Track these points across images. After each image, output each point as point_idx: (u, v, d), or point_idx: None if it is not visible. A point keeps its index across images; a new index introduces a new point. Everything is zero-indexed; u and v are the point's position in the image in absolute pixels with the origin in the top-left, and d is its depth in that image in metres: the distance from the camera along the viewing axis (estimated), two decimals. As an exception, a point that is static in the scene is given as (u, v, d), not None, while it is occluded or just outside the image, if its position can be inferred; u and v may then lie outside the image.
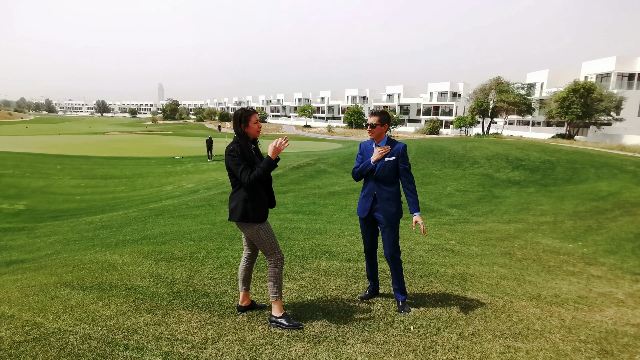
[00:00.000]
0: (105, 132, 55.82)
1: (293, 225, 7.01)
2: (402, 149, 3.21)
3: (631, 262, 5.73)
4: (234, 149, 2.82)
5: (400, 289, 3.29)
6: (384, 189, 3.21)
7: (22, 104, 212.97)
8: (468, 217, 9.45)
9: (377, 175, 3.21)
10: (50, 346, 2.56)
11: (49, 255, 6.14)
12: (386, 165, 3.20)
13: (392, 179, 3.22)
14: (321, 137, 54.04)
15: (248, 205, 2.84)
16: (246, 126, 2.86)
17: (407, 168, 3.22)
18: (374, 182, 3.24)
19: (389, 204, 3.20)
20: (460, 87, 65.65)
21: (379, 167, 3.20)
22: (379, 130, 3.24)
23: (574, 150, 20.42)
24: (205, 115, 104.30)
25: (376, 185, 3.23)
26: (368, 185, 3.29)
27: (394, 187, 3.23)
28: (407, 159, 3.24)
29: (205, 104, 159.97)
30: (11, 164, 21.37)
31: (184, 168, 21.49)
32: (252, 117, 2.88)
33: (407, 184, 3.22)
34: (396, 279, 3.29)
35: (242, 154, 2.81)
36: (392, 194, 3.21)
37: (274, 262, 2.91)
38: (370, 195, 3.26)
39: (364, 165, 3.26)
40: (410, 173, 3.24)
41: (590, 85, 34.12)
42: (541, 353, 2.63)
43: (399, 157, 3.20)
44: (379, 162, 3.21)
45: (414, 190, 3.20)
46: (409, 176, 3.22)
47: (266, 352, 2.58)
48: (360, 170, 3.28)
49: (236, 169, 2.81)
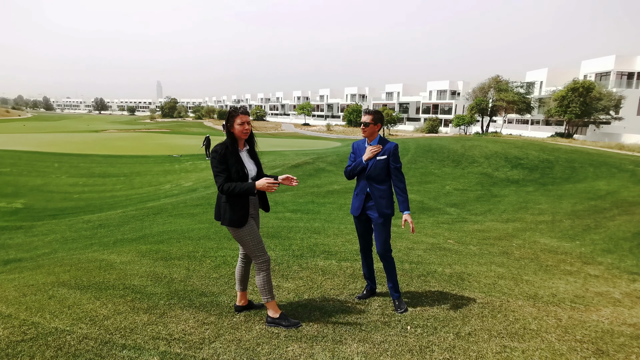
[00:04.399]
0: (103, 130, 55.67)
1: (291, 224, 7.01)
2: (394, 148, 3.25)
3: (628, 261, 5.75)
4: (217, 150, 2.78)
5: (394, 287, 3.33)
6: (375, 187, 3.25)
7: (19, 101, 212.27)
8: (466, 216, 9.46)
9: (369, 174, 3.25)
10: (47, 346, 2.56)
11: (47, 254, 6.14)
12: (377, 164, 3.23)
13: (384, 178, 3.26)
14: (320, 136, 54.02)
15: (227, 207, 2.81)
16: (231, 126, 2.81)
17: (398, 167, 3.25)
18: (365, 180, 3.28)
19: (381, 202, 3.24)
20: (460, 85, 65.61)
21: (371, 166, 3.24)
22: (372, 129, 3.27)
23: (572, 149, 20.46)
24: (203, 113, 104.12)
25: (368, 184, 3.27)
26: (360, 184, 3.34)
27: (386, 185, 3.27)
28: (399, 158, 3.28)
29: (203, 101, 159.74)
30: (9, 162, 21.30)
31: (183, 166, 21.46)
32: (237, 117, 2.78)
33: (397, 182, 3.26)
34: (389, 277, 3.34)
35: (223, 157, 2.75)
36: (383, 192, 3.25)
37: (258, 264, 2.88)
38: (363, 193, 3.30)
39: (356, 163, 3.30)
40: (401, 172, 3.27)
41: (590, 84, 34.14)
42: (537, 353, 2.64)
43: (390, 156, 3.24)
44: (370, 160, 3.24)
45: (404, 190, 3.25)
46: (399, 175, 3.26)
47: (263, 351, 2.58)
48: (353, 168, 3.32)
49: (214, 171, 2.77)
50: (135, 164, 22.69)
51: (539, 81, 48.66)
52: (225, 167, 2.75)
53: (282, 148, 30.89)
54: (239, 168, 2.78)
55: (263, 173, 3.01)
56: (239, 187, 2.70)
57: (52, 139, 36.79)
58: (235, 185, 2.71)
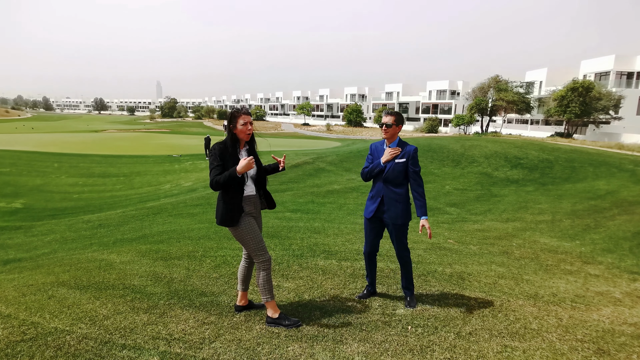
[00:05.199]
0: (103, 130, 55.66)
1: (291, 224, 7.01)
2: (413, 151, 3.18)
3: (629, 260, 5.74)
4: (214, 147, 2.80)
5: (409, 284, 3.36)
6: (392, 191, 3.19)
7: (19, 101, 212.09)
8: (466, 216, 9.46)
9: (386, 177, 3.19)
10: (47, 346, 2.55)
11: (46, 254, 6.13)
12: (396, 166, 3.17)
13: (401, 181, 3.19)
14: (320, 136, 54.01)
15: (219, 205, 2.84)
16: (234, 127, 2.82)
17: (417, 171, 3.18)
18: (382, 183, 3.21)
19: (397, 206, 3.18)
20: (459, 85, 65.62)
21: (389, 168, 3.18)
22: (394, 130, 3.20)
23: (572, 149, 20.46)
24: (203, 113, 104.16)
25: (385, 187, 3.20)
26: (376, 186, 3.27)
27: (403, 189, 3.20)
28: (418, 161, 3.21)
29: (203, 101, 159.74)
30: (8, 162, 21.29)
31: (182, 166, 21.45)
32: (239, 118, 2.80)
33: (415, 187, 3.19)
34: (405, 274, 3.36)
35: (220, 154, 2.77)
36: (400, 195, 3.19)
37: (259, 264, 2.88)
38: (378, 196, 3.24)
39: (373, 165, 3.24)
40: (419, 176, 3.20)
41: (589, 83, 34.15)
42: (538, 352, 2.63)
43: (409, 160, 3.17)
44: (388, 163, 3.18)
45: (422, 194, 3.17)
46: (418, 179, 3.19)
47: (263, 351, 2.57)
48: (370, 170, 3.26)
49: (210, 167, 2.80)
50: (135, 164, 22.68)
51: (538, 81, 48.69)
52: (221, 164, 2.76)
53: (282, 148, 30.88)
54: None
55: (263, 171, 3.01)
56: (223, 176, 2.70)
57: (52, 139, 36.77)
58: (221, 176, 2.70)
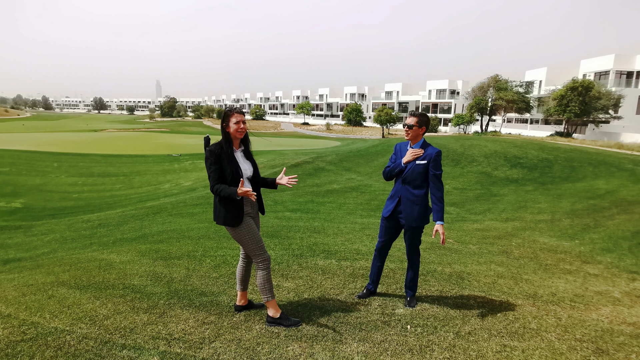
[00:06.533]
0: (102, 129, 55.62)
1: (291, 224, 7.01)
2: (436, 154, 3.14)
3: (628, 260, 5.75)
4: (212, 150, 2.78)
5: (413, 284, 3.40)
6: (410, 192, 3.18)
7: (18, 100, 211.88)
8: (466, 215, 9.46)
9: (405, 177, 3.18)
10: (47, 346, 2.55)
11: (46, 253, 6.13)
12: (416, 168, 3.15)
13: (420, 183, 3.16)
14: (320, 135, 54.01)
15: (221, 206, 2.82)
16: (227, 126, 2.81)
17: (438, 175, 3.14)
18: (401, 183, 3.22)
19: (413, 208, 3.16)
20: (459, 84, 65.64)
21: (409, 169, 3.17)
22: (416, 131, 3.18)
23: (571, 149, 20.46)
24: (203, 112, 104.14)
25: (403, 187, 3.20)
26: (396, 186, 3.28)
27: (421, 191, 3.17)
28: (440, 165, 3.16)
29: (203, 101, 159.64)
30: (8, 161, 21.27)
31: (182, 166, 21.45)
32: (232, 116, 2.79)
33: (435, 190, 3.15)
34: (410, 273, 3.39)
35: (217, 157, 2.76)
36: (418, 197, 3.16)
37: (258, 264, 2.88)
38: (397, 196, 3.24)
39: (394, 165, 3.25)
40: (440, 180, 3.16)
41: (589, 83, 34.16)
42: (537, 352, 2.64)
43: (431, 162, 3.13)
44: (409, 163, 3.17)
45: (440, 199, 3.14)
46: (438, 183, 3.15)
47: (263, 351, 2.58)
48: (391, 170, 3.27)
49: (207, 171, 2.80)
50: (135, 163, 22.67)
51: (538, 80, 48.70)
52: (218, 167, 2.75)
53: (282, 147, 30.87)
54: (233, 169, 2.77)
55: (259, 173, 3.01)
56: (225, 191, 2.71)
57: (51, 138, 36.74)
58: (223, 189, 2.72)
